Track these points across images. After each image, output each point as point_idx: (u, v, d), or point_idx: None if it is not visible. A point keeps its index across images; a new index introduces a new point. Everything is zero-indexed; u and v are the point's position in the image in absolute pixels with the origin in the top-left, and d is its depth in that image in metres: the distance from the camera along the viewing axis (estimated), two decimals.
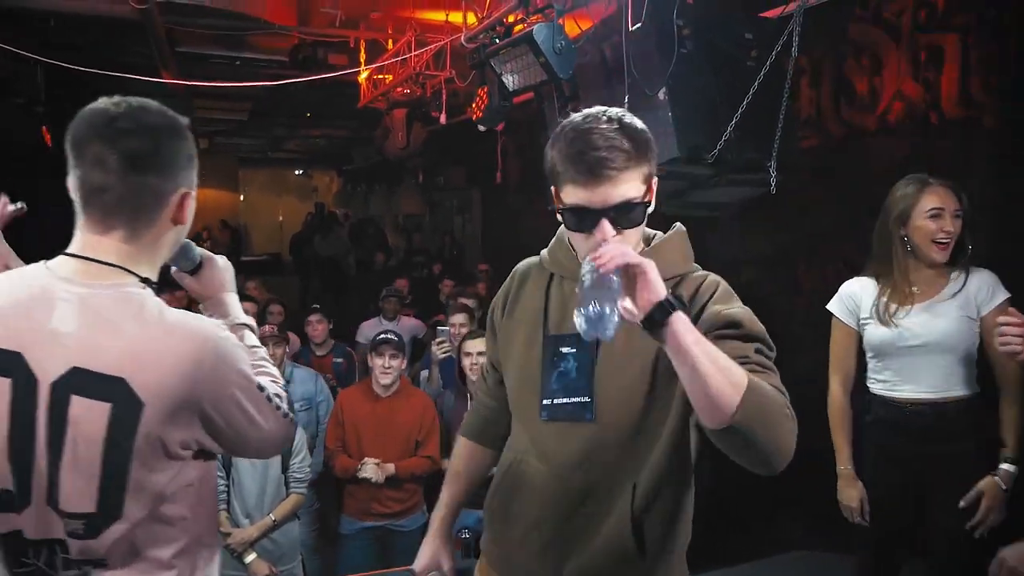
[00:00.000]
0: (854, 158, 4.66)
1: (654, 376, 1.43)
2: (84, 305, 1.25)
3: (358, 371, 5.04)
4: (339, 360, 4.78)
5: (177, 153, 1.33)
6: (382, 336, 3.75)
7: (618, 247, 1.21)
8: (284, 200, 19.90)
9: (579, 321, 1.18)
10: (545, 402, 1.50)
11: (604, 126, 1.37)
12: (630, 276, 1.17)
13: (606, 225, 1.35)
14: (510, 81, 3.39)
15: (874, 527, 2.61)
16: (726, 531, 4.48)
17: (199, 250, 1.53)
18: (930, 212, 2.42)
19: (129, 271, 1.30)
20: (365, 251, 12.16)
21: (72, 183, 1.30)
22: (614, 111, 1.41)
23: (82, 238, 1.32)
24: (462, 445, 1.85)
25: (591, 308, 1.17)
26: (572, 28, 3.45)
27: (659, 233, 1.59)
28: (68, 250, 1.32)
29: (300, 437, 3.47)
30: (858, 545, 2.72)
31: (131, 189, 1.28)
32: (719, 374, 1.19)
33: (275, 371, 1.47)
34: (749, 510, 4.51)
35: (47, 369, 1.23)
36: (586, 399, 1.46)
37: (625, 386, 1.45)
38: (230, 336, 1.35)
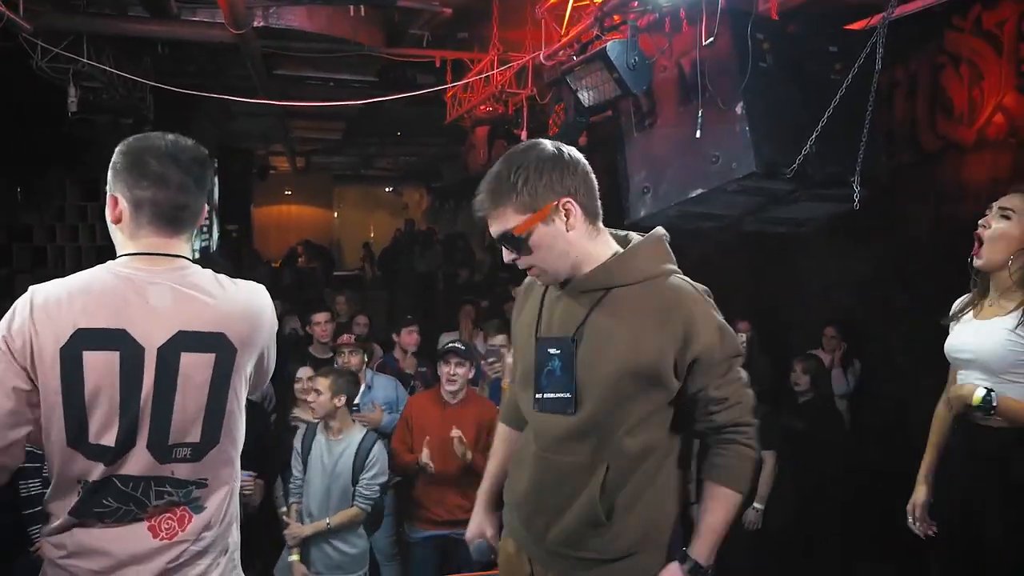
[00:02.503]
0: (950, 174, 4.44)
1: (626, 381, 1.66)
2: (171, 285, 1.59)
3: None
4: (423, 369, 4.87)
5: (211, 178, 1.75)
6: (450, 345, 3.83)
7: None
8: (375, 216, 20.50)
9: None
10: (537, 396, 1.77)
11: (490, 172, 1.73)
12: None
13: (504, 252, 1.73)
14: (585, 97, 3.41)
15: (932, 538, 2.51)
16: (805, 554, 4.31)
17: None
18: (987, 210, 2.32)
19: (184, 257, 1.65)
20: (452, 266, 12.36)
21: (143, 200, 1.59)
22: (513, 152, 1.72)
23: (148, 242, 1.61)
24: (499, 428, 2.13)
25: None
26: (650, 42, 3.45)
27: (637, 238, 1.79)
28: (132, 250, 1.61)
29: (376, 454, 3.50)
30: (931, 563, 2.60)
31: (199, 205, 1.67)
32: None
33: None
34: (834, 535, 4.33)
35: (152, 338, 1.54)
36: (568, 395, 1.71)
37: (599, 385, 1.68)
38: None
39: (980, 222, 2.32)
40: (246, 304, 1.67)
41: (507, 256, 1.74)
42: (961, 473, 2.39)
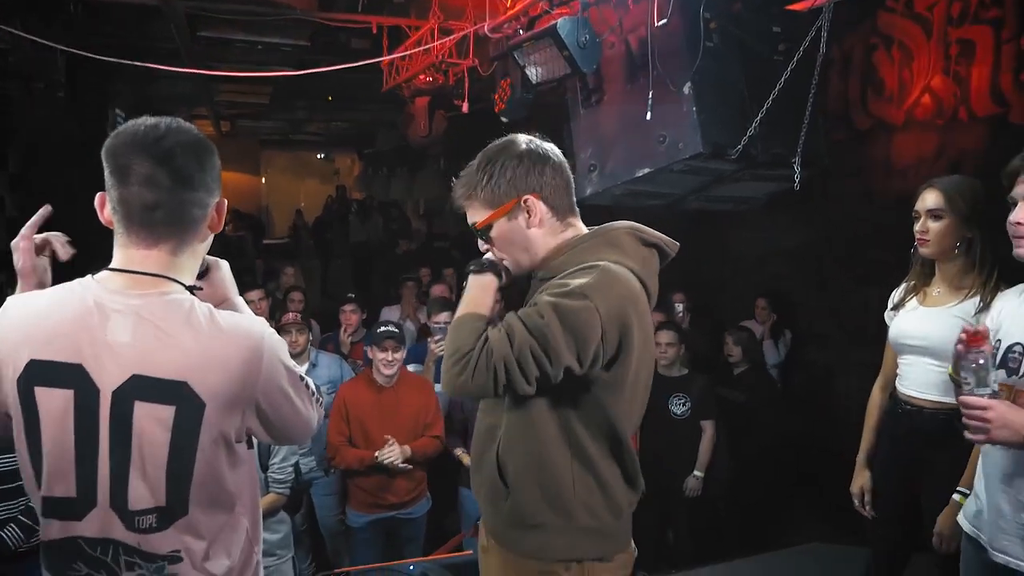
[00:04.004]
0: (880, 152, 4.59)
1: None
2: (137, 315, 1.31)
3: None
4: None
5: (215, 167, 1.41)
6: (383, 330, 3.70)
7: None
8: (305, 183, 19.98)
9: None
10: None
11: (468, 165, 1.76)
12: None
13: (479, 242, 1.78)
14: (533, 74, 3.36)
15: (876, 519, 2.63)
16: (743, 522, 4.49)
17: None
18: (914, 214, 2.41)
19: (173, 279, 1.37)
20: (389, 236, 12.17)
21: (115, 201, 1.34)
22: (488, 148, 1.75)
23: (126, 253, 1.36)
24: None
25: None
26: (598, 18, 3.42)
27: (591, 229, 1.79)
28: (112, 265, 1.36)
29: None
30: (869, 536, 2.74)
31: (181, 204, 1.35)
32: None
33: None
34: (768, 502, 4.52)
35: (107, 379, 1.30)
36: None
37: None
38: (274, 332, 1.42)
39: (917, 231, 2.38)
40: (224, 348, 1.33)
41: (480, 246, 1.79)
42: (904, 453, 2.50)
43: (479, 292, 1.70)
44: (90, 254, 1.61)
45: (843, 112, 4.80)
